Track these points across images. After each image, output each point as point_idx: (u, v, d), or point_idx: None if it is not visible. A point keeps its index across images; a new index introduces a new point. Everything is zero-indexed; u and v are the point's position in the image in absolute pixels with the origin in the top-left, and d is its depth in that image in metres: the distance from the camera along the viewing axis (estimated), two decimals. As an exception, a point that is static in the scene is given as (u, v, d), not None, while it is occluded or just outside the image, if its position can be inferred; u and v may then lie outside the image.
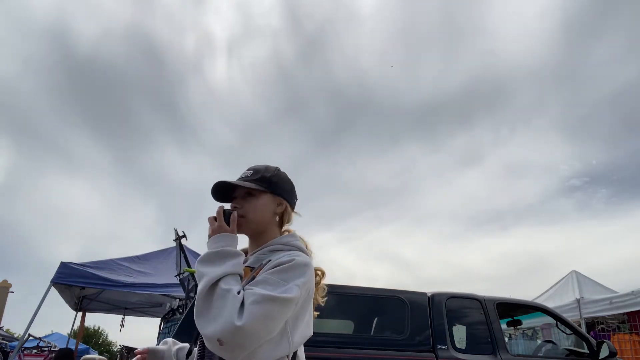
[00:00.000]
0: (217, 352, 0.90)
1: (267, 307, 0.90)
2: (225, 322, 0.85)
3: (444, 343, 3.42)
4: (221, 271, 0.95)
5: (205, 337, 0.89)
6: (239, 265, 1.00)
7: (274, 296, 0.91)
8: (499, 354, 3.50)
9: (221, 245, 1.01)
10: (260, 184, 1.14)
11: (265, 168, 1.19)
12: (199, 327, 0.90)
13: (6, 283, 14.26)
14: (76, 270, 5.93)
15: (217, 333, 0.86)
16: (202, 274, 0.96)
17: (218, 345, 0.87)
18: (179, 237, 4.83)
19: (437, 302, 3.65)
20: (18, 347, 6.60)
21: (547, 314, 4.29)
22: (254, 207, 1.13)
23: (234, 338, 0.86)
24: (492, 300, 3.86)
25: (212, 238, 1.04)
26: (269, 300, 0.91)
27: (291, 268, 1.00)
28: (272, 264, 1.01)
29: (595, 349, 3.80)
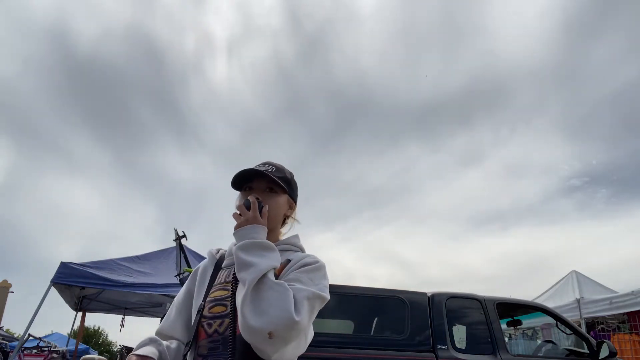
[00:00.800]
0: (259, 345, 0.86)
1: (315, 305, 0.92)
2: (284, 316, 0.84)
3: (444, 343, 3.42)
4: (269, 263, 0.93)
5: (251, 328, 0.84)
6: (279, 260, 0.99)
7: (321, 295, 0.93)
8: (499, 354, 3.50)
9: (261, 237, 0.99)
10: (284, 182, 1.13)
11: (284, 168, 1.18)
12: (247, 318, 0.85)
13: (6, 283, 14.27)
14: (76, 270, 5.93)
15: (270, 326, 0.83)
16: (248, 263, 0.92)
17: (266, 338, 0.84)
18: (179, 237, 4.83)
19: (437, 302, 3.65)
20: (18, 347, 6.60)
21: (547, 314, 4.29)
22: (275, 203, 1.11)
23: (288, 332, 0.85)
24: (492, 300, 3.86)
25: (248, 227, 1.00)
26: (318, 298, 0.93)
27: (317, 269, 1.01)
28: (298, 263, 1.02)
29: (595, 349, 3.80)
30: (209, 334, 1.00)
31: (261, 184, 1.13)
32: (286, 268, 1.02)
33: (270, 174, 1.10)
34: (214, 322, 1.01)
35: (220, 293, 1.05)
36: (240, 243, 0.97)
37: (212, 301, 1.05)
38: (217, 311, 1.02)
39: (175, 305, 1.16)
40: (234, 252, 0.98)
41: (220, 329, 0.99)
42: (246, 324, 0.85)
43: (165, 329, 1.11)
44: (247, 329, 0.86)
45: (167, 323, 1.12)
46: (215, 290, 1.07)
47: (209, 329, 1.01)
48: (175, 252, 5.43)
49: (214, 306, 1.03)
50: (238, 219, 1.02)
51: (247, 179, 1.13)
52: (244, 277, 0.91)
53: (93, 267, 6.11)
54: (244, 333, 0.87)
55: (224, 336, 0.97)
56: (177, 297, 1.18)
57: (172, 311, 1.15)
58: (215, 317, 1.01)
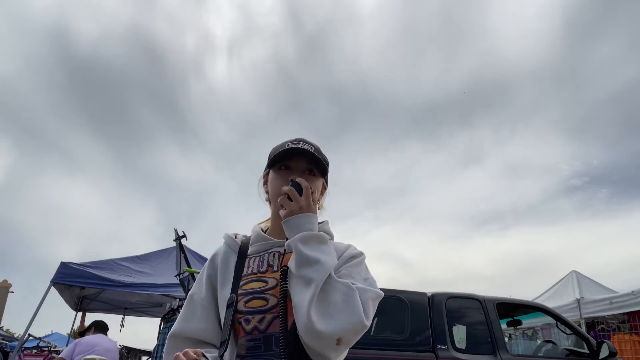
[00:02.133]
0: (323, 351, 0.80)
1: (376, 305, 0.86)
2: (355, 321, 0.77)
3: (444, 343, 3.42)
4: (332, 261, 0.85)
5: (319, 334, 0.76)
6: (336, 256, 0.90)
7: (380, 294, 0.87)
8: (499, 354, 3.49)
9: (316, 229, 0.89)
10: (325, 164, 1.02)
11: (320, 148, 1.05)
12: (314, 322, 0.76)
13: (6, 283, 14.29)
14: (76, 270, 5.92)
15: (340, 331, 0.76)
16: (312, 260, 0.83)
17: (334, 344, 0.77)
18: (179, 237, 4.83)
19: (437, 302, 3.65)
20: (18, 347, 6.60)
21: (547, 314, 4.29)
22: (316, 188, 0.99)
23: (355, 337, 0.79)
24: (492, 300, 3.86)
25: (303, 216, 0.88)
26: (379, 297, 0.86)
27: (362, 262, 0.95)
28: (344, 256, 0.94)
29: (595, 349, 3.80)
30: (248, 332, 0.88)
31: (301, 163, 1.00)
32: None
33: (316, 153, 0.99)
34: (252, 318, 0.88)
35: (256, 285, 0.92)
36: (301, 235, 0.85)
37: (247, 294, 0.91)
38: (255, 305, 0.89)
39: (198, 301, 0.98)
40: (292, 244, 0.86)
41: (260, 326, 0.87)
42: (314, 328, 0.76)
43: (193, 329, 0.95)
44: (315, 334, 0.77)
45: (192, 322, 0.96)
46: (248, 281, 0.94)
47: (247, 325, 0.88)
48: (175, 252, 5.42)
49: (251, 300, 0.90)
50: (288, 205, 0.89)
51: (284, 157, 0.99)
52: (310, 276, 0.81)
53: (93, 267, 6.11)
54: (308, 337, 0.78)
55: (265, 334, 0.86)
56: (196, 291, 1.00)
57: (197, 308, 0.97)
58: (254, 311, 0.89)
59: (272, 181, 1.01)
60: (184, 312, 0.99)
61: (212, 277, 1.00)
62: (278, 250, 0.98)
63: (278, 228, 0.99)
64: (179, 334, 0.95)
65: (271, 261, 0.97)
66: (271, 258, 0.97)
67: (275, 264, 0.96)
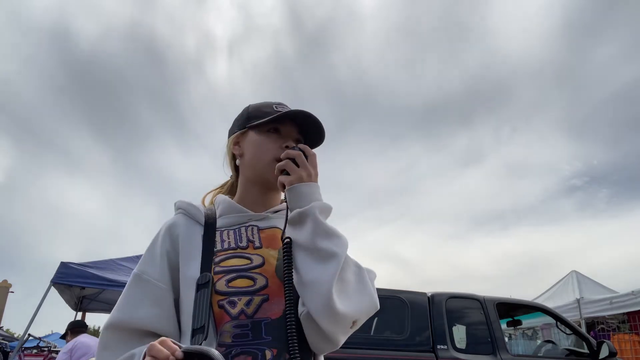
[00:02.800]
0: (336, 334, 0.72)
1: None
2: (369, 302, 0.73)
3: (444, 343, 3.42)
4: (346, 238, 0.77)
5: (338, 315, 0.69)
6: None
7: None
8: (499, 354, 3.49)
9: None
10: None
11: None
12: (335, 302, 0.68)
13: (6, 283, 14.29)
14: (76, 270, 5.92)
15: (357, 313, 0.71)
16: (334, 233, 0.75)
17: (349, 327, 0.73)
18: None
19: (437, 302, 3.65)
20: (18, 347, 6.60)
21: (547, 314, 4.29)
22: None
23: (366, 319, 0.75)
24: (492, 300, 3.86)
25: (313, 185, 0.80)
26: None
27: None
28: None
29: (595, 349, 3.80)
30: (234, 316, 0.74)
31: (292, 131, 0.90)
32: None
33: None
34: (238, 300, 0.75)
35: (239, 262, 0.79)
36: (320, 204, 0.77)
37: (229, 272, 0.77)
38: (240, 285, 0.76)
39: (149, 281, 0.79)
40: (309, 212, 0.76)
41: (248, 310, 0.74)
42: (333, 308, 0.68)
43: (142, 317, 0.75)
44: (334, 315, 0.69)
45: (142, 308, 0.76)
46: (227, 257, 0.80)
47: (233, 308, 0.74)
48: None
49: (235, 279, 0.77)
50: (294, 171, 0.79)
51: (277, 119, 0.88)
52: (333, 249, 0.72)
53: (93, 267, 6.11)
54: (325, 318, 0.70)
55: (253, 319, 0.74)
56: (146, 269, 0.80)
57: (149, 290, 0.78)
58: (240, 292, 0.75)
59: (259, 144, 0.88)
60: (127, 296, 0.78)
61: (170, 253, 0.83)
62: (257, 225, 0.87)
63: (251, 198, 0.90)
64: (120, 323, 0.76)
65: (251, 236, 0.85)
66: (250, 232, 0.85)
67: (256, 239, 0.84)
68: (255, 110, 0.92)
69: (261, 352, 0.72)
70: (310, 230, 0.75)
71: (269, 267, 0.80)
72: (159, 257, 0.82)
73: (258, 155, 0.88)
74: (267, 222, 0.89)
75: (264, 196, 0.92)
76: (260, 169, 0.88)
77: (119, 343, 0.75)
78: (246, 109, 0.95)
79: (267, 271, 0.79)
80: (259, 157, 0.88)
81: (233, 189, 0.99)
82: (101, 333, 0.77)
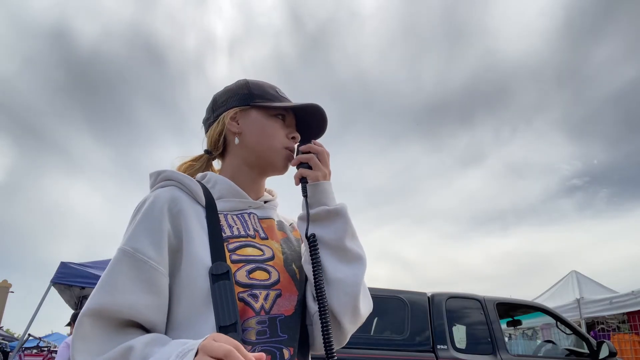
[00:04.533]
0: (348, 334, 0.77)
1: None
2: (371, 306, 0.79)
3: (444, 343, 3.42)
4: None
5: (361, 317, 0.75)
6: None
7: None
8: (499, 354, 3.49)
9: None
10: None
11: None
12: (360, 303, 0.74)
13: (6, 283, 14.29)
14: (76, 270, 5.92)
15: (367, 314, 0.77)
16: (355, 235, 0.77)
17: (360, 323, 0.77)
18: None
19: (437, 302, 3.65)
20: (18, 347, 6.60)
21: (547, 314, 4.29)
22: None
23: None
24: (492, 300, 3.86)
25: (329, 184, 0.79)
26: None
27: None
28: None
29: (595, 349, 3.80)
30: (257, 311, 0.67)
31: (293, 123, 0.87)
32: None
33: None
34: (259, 294, 0.68)
35: (253, 252, 0.73)
36: (343, 205, 0.77)
37: (248, 262, 0.70)
38: (260, 278, 0.70)
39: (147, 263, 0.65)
40: (342, 211, 0.75)
41: (266, 305, 0.68)
42: (358, 309, 0.73)
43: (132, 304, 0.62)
44: (357, 315, 0.74)
45: (134, 294, 0.63)
46: (241, 245, 0.72)
47: (256, 303, 0.67)
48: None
49: (255, 270, 0.70)
50: (318, 167, 0.78)
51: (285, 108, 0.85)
52: (359, 252, 0.76)
53: (93, 267, 6.11)
54: (348, 317, 0.72)
55: (270, 316, 0.68)
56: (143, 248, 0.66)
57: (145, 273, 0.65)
58: (260, 286, 0.69)
59: (267, 126, 0.82)
60: (115, 277, 0.64)
61: (171, 233, 0.69)
62: (255, 213, 0.81)
63: (245, 182, 0.83)
64: (105, 310, 0.62)
65: (255, 225, 0.79)
66: (253, 221, 0.79)
67: (259, 229, 0.79)
68: (259, 88, 0.84)
69: (279, 350, 0.67)
70: (340, 230, 0.73)
71: (278, 260, 0.76)
72: (158, 234, 0.67)
73: (264, 138, 0.81)
74: (264, 211, 0.84)
75: (258, 182, 0.85)
76: (266, 153, 0.81)
77: (101, 334, 0.62)
78: (245, 84, 0.85)
79: (277, 265, 0.75)
80: (266, 141, 0.81)
81: (208, 167, 0.90)
82: (79, 319, 0.62)
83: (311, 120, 0.87)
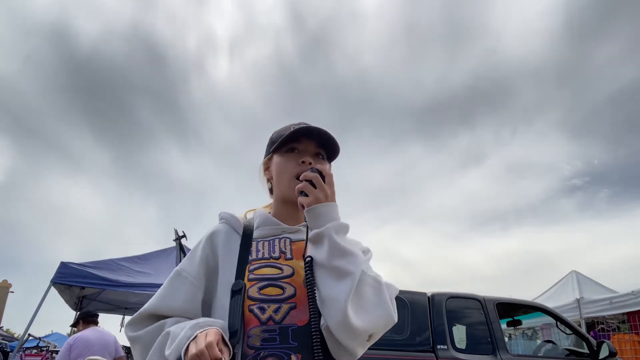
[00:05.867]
0: (353, 347, 0.77)
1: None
2: (386, 316, 0.77)
3: (444, 343, 3.42)
4: (362, 254, 0.82)
5: (354, 330, 0.74)
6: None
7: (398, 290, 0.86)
8: (499, 354, 3.49)
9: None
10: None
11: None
12: (350, 317, 0.73)
13: (6, 283, 14.29)
14: (76, 270, 5.92)
15: (372, 327, 0.76)
16: (348, 252, 0.79)
17: (365, 340, 0.77)
18: (179, 237, 4.83)
19: (437, 302, 3.65)
20: (18, 347, 6.60)
21: (547, 314, 4.29)
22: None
23: (383, 333, 0.79)
24: (492, 300, 3.86)
25: (330, 205, 0.83)
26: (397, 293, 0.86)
27: (371, 258, 0.93)
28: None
29: (595, 349, 3.80)
30: (263, 321, 0.81)
31: (310, 146, 0.95)
32: None
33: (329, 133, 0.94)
34: (267, 307, 0.82)
35: (270, 271, 0.87)
36: (335, 224, 0.81)
37: (262, 280, 0.85)
38: (271, 293, 0.84)
39: (187, 278, 0.89)
40: (325, 233, 0.80)
41: (276, 316, 0.81)
42: (349, 324, 0.74)
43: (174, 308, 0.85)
44: (349, 330, 0.74)
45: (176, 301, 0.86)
46: (260, 266, 0.88)
47: (263, 314, 0.82)
48: (175, 252, 5.42)
49: (266, 287, 0.84)
50: (311, 192, 0.83)
51: (293, 138, 0.94)
52: (347, 268, 0.77)
53: (93, 267, 6.11)
54: (342, 333, 0.75)
55: (281, 325, 0.81)
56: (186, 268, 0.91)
57: (184, 286, 0.88)
58: (269, 300, 0.83)
59: (279, 165, 0.96)
60: (166, 288, 0.89)
61: (210, 258, 0.92)
62: (289, 237, 0.95)
63: (284, 214, 0.98)
64: (155, 310, 0.86)
65: (283, 247, 0.92)
66: (283, 244, 0.93)
67: (287, 251, 0.91)
68: (276, 134, 1.00)
69: (287, 356, 0.78)
70: (326, 250, 0.79)
71: (298, 277, 0.86)
72: (198, 259, 0.92)
73: (279, 176, 0.96)
74: (299, 234, 0.96)
75: (295, 212, 0.97)
76: (283, 188, 0.95)
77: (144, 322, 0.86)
78: (270, 136, 1.03)
79: (296, 281, 0.86)
80: (280, 177, 0.96)
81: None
82: (133, 316, 0.87)
83: (324, 141, 0.96)
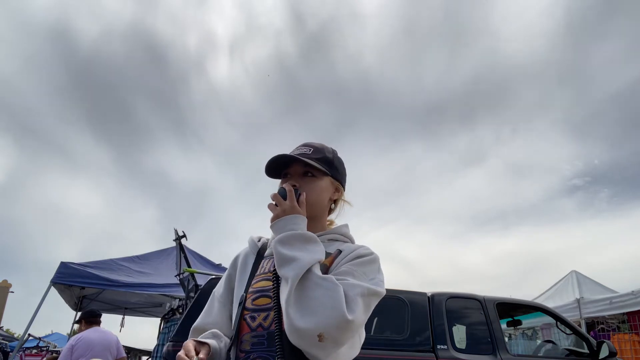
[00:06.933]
0: (308, 349, 0.79)
1: (371, 302, 0.85)
2: (335, 315, 0.76)
3: (444, 343, 3.42)
4: (313, 257, 0.85)
5: (299, 331, 0.77)
6: (323, 252, 0.89)
7: (376, 290, 0.86)
8: (499, 354, 3.49)
9: (301, 228, 0.90)
10: (323, 164, 1.02)
11: (324, 147, 1.07)
12: (293, 319, 0.78)
13: (6, 283, 14.29)
14: (76, 270, 5.93)
15: (320, 327, 0.76)
16: (288, 258, 0.84)
17: (316, 341, 0.77)
18: (179, 237, 4.82)
19: (437, 302, 3.65)
20: (18, 347, 6.61)
21: (547, 314, 4.29)
22: (314, 188, 1.00)
23: (340, 333, 0.77)
24: (492, 300, 3.86)
25: (286, 218, 0.91)
26: (373, 294, 0.85)
27: (371, 262, 0.93)
28: (350, 255, 0.93)
29: (595, 349, 3.80)
30: (253, 328, 0.92)
31: (298, 168, 1.03)
32: (337, 259, 0.93)
33: (305, 157, 1.00)
34: (257, 315, 0.92)
35: (265, 284, 0.96)
36: (280, 236, 0.88)
37: (256, 292, 0.96)
38: (261, 303, 0.94)
39: (217, 297, 1.07)
40: (272, 246, 0.91)
41: (265, 323, 0.91)
42: (293, 325, 0.78)
43: (210, 323, 1.02)
44: (295, 332, 0.78)
45: (210, 317, 1.03)
46: (259, 280, 0.98)
47: (253, 322, 0.92)
48: (175, 252, 5.43)
49: (258, 297, 0.95)
50: (274, 210, 0.93)
51: (284, 165, 1.04)
52: (286, 274, 0.83)
53: (93, 267, 6.11)
54: (291, 336, 0.79)
55: (269, 331, 0.89)
56: (217, 288, 1.09)
57: (215, 304, 1.06)
58: (259, 309, 0.93)
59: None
60: (205, 307, 1.08)
61: (232, 277, 1.08)
62: None
63: None
64: (198, 327, 1.03)
65: None
66: None
67: None
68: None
69: (272, 357, 0.86)
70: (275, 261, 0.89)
71: None
72: (225, 279, 1.09)
73: None
74: None
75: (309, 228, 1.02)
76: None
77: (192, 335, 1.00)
78: None
79: None
80: None
81: None
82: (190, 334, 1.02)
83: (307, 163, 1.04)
